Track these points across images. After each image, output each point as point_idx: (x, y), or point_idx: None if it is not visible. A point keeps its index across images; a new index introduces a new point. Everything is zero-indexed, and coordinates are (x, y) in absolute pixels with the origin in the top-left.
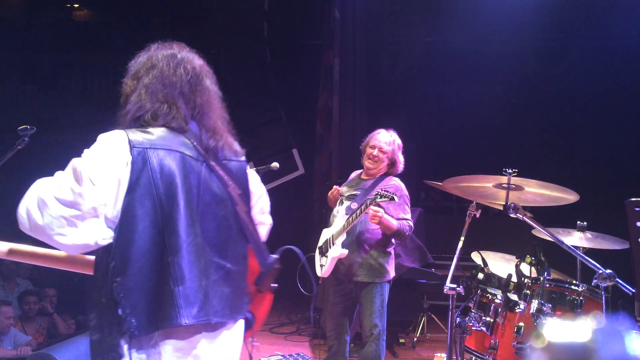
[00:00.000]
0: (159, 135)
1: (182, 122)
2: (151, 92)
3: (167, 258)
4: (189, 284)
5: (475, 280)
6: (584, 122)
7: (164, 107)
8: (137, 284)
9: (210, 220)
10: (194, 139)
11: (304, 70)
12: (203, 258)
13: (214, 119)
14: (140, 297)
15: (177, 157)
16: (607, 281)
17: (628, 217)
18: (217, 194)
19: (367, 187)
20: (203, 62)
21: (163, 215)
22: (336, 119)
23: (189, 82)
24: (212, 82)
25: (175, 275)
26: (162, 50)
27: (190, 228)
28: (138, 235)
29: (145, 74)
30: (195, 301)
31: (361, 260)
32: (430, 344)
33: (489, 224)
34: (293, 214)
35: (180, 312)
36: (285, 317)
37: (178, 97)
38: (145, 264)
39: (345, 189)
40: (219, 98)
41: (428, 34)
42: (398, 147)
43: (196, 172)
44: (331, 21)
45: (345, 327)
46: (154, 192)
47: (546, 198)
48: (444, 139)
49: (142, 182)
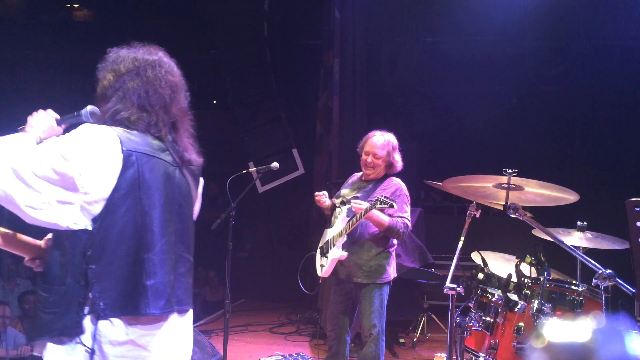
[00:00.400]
0: (142, 139)
1: (162, 130)
2: (136, 98)
3: (143, 254)
4: (159, 279)
5: (475, 280)
6: (584, 122)
7: (146, 115)
8: (110, 273)
9: (182, 219)
10: (170, 147)
11: (304, 70)
12: (174, 254)
13: (184, 131)
14: (111, 285)
15: (159, 163)
16: (607, 281)
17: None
18: (186, 196)
19: (368, 190)
20: (180, 73)
21: (142, 214)
22: (336, 119)
23: (170, 93)
24: (185, 92)
25: (148, 271)
26: (148, 55)
27: (165, 228)
28: (118, 231)
29: (129, 77)
30: (163, 295)
31: (361, 262)
32: (430, 344)
33: (489, 224)
34: (293, 214)
35: (150, 303)
36: (285, 317)
37: (160, 107)
38: (121, 258)
39: (347, 191)
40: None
41: (428, 34)
42: (393, 148)
43: (172, 177)
44: (331, 21)
45: (345, 327)
46: (137, 193)
47: (546, 198)
48: (444, 139)
49: (128, 182)
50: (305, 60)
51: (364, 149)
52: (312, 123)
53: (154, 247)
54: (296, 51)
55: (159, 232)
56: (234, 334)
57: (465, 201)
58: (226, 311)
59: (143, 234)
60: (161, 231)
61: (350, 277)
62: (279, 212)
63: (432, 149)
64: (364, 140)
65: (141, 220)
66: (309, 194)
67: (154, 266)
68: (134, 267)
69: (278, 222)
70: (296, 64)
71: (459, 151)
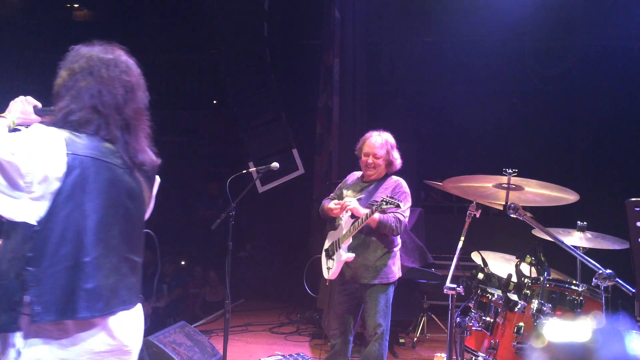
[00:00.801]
0: (90, 143)
1: (112, 132)
2: (88, 97)
3: (82, 258)
4: (97, 282)
5: (475, 280)
6: (584, 122)
7: (96, 116)
8: (49, 277)
9: (128, 221)
10: (121, 149)
11: (304, 70)
12: (116, 256)
13: (139, 131)
14: (49, 289)
15: (104, 166)
16: (607, 281)
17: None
18: (135, 199)
19: (370, 190)
20: (139, 71)
21: (84, 218)
22: (336, 119)
23: (124, 93)
24: (143, 91)
25: (88, 274)
26: (103, 53)
27: (107, 231)
28: (58, 234)
29: (82, 75)
30: (101, 298)
31: (367, 263)
32: (430, 344)
33: (489, 224)
34: (293, 214)
35: (88, 306)
36: (285, 317)
37: (112, 107)
38: (58, 261)
39: (349, 192)
40: (146, 108)
41: (428, 34)
42: (391, 146)
43: (121, 180)
44: (331, 21)
45: (349, 326)
46: (79, 198)
47: (546, 198)
48: (444, 139)
49: (71, 187)
50: (305, 60)
51: (363, 150)
52: (312, 123)
53: (93, 251)
54: (296, 51)
55: (100, 236)
56: (234, 334)
57: (465, 201)
58: (226, 311)
59: (83, 237)
60: (102, 235)
61: (356, 277)
62: (279, 212)
63: (432, 149)
64: (362, 142)
65: (82, 224)
66: (309, 194)
67: (93, 270)
68: (73, 270)
69: (278, 222)
70: (296, 64)
71: (459, 151)
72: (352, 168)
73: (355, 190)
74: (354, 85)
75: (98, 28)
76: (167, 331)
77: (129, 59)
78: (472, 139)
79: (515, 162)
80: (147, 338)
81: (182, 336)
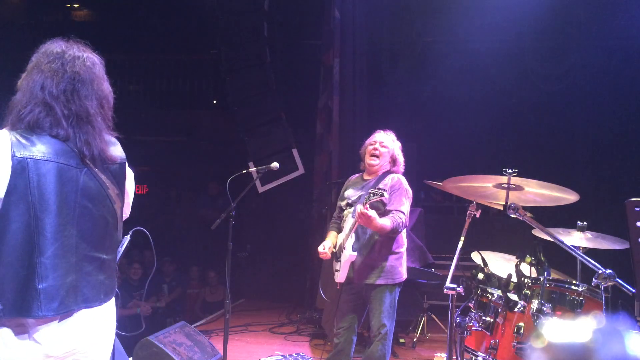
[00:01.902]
0: (40, 144)
1: (63, 129)
2: (30, 93)
3: (35, 258)
4: (52, 282)
5: (475, 280)
6: (584, 122)
7: (42, 111)
8: (6, 276)
9: (87, 221)
10: (75, 146)
11: (304, 70)
12: (75, 255)
13: (97, 127)
14: (8, 287)
15: (54, 167)
16: (607, 281)
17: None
18: (95, 197)
19: (371, 185)
20: (97, 62)
21: (35, 219)
22: (336, 119)
23: (72, 86)
24: (100, 84)
25: (40, 274)
26: (52, 47)
27: (60, 232)
28: (10, 235)
29: (29, 72)
30: (56, 297)
31: (373, 263)
32: (430, 344)
33: (489, 224)
34: (293, 214)
35: (41, 306)
36: (285, 317)
37: (59, 100)
38: (14, 261)
39: (351, 191)
40: (106, 101)
41: (428, 34)
42: (398, 146)
43: (74, 180)
44: (331, 21)
45: (353, 326)
46: (29, 199)
47: (546, 198)
48: (444, 139)
49: (19, 188)
50: (305, 60)
51: (369, 141)
52: (312, 123)
53: (47, 251)
54: (296, 51)
55: (52, 237)
56: (234, 334)
57: (465, 201)
58: (226, 311)
59: (35, 238)
60: (54, 235)
61: (362, 278)
62: (279, 212)
63: (432, 149)
64: (369, 138)
65: (34, 225)
66: (309, 194)
67: (47, 270)
68: (27, 270)
69: (278, 222)
70: (296, 64)
71: (459, 151)
72: (352, 168)
73: (356, 187)
74: (354, 85)
75: (98, 28)
76: (167, 331)
77: (86, 54)
78: (472, 139)
79: (515, 162)
80: (147, 338)
81: (182, 336)
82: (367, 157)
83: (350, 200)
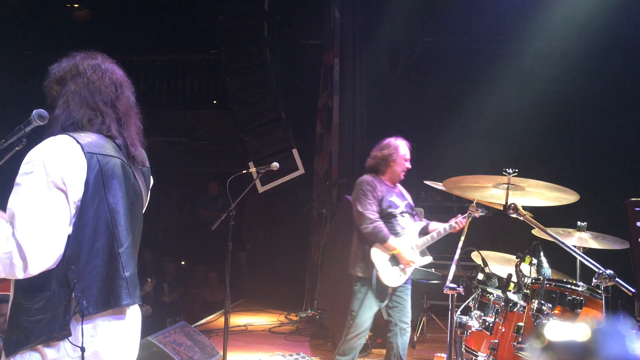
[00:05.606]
0: (97, 141)
1: (113, 129)
2: (79, 99)
3: (117, 249)
4: (132, 270)
5: (475, 280)
6: (584, 122)
7: (92, 114)
8: (90, 271)
9: (136, 217)
10: (122, 146)
11: (304, 70)
12: (136, 248)
13: (133, 129)
14: (92, 282)
15: (117, 162)
16: (607, 281)
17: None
18: (138, 195)
19: (399, 192)
20: (124, 73)
21: (110, 212)
22: (336, 119)
23: (114, 90)
24: (131, 92)
25: (124, 264)
26: (88, 60)
27: (131, 225)
28: (91, 230)
29: (72, 81)
30: (137, 285)
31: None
32: (430, 344)
33: (489, 224)
34: (293, 214)
35: (130, 293)
36: (285, 317)
37: (104, 105)
38: (97, 255)
39: (396, 199)
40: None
41: (428, 34)
42: None
43: (129, 176)
44: (331, 21)
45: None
46: (103, 193)
47: (546, 198)
48: (444, 139)
49: (94, 183)
50: (305, 60)
51: (403, 156)
52: (312, 123)
53: (125, 242)
54: (296, 51)
55: (127, 228)
56: (234, 334)
57: (465, 201)
58: (226, 311)
59: (114, 230)
60: (128, 227)
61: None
62: (279, 212)
63: (432, 149)
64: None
65: (110, 218)
66: (309, 194)
67: (128, 259)
68: (110, 262)
69: (278, 222)
70: (296, 64)
71: (459, 151)
72: (351, 168)
73: (391, 194)
74: (354, 85)
75: (98, 28)
76: (167, 331)
77: (112, 63)
78: (472, 139)
79: (515, 162)
80: (147, 338)
81: (182, 336)
82: (400, 168)
83: (404, 210)
